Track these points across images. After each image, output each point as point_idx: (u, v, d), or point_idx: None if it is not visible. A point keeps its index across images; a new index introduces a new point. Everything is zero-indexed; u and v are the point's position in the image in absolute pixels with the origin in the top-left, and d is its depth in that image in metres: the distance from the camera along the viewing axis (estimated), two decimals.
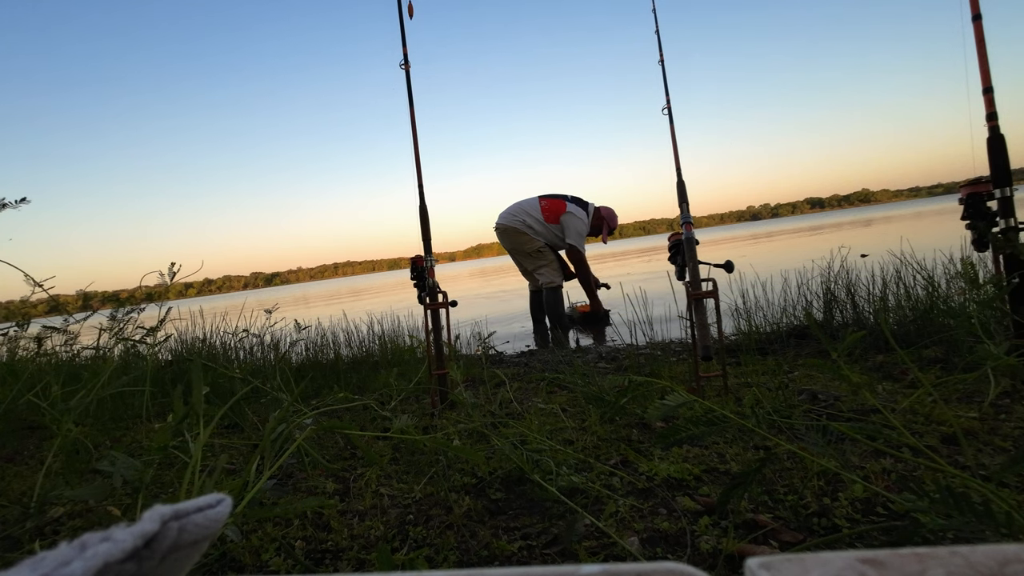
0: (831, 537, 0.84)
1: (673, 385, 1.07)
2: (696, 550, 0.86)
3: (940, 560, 0.16)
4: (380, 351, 2.84)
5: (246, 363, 2.64)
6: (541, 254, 3.90)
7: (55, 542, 0.52)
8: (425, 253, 1.94)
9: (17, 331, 2.20)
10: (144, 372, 1.82)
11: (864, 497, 0.95)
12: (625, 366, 2.22)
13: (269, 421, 1.04)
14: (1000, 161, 1.56)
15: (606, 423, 1.48)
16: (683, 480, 1.09)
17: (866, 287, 2.26)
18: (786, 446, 0.87)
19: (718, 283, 1.65)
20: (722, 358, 1.65)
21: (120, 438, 1.83)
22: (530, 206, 3.95)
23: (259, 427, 1.73)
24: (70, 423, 1.15)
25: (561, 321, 3.82)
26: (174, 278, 2.00)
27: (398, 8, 1.94)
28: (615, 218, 4.10)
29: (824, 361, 0.95)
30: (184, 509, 0.18)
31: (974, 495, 0.79)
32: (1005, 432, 1.15)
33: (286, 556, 0.96)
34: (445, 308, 1.92)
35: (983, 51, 1.57)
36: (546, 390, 1.95)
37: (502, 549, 0.92)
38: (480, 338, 2.84)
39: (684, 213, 1.81)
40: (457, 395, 1.56)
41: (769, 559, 0.17)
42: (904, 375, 1.63)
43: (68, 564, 0.15)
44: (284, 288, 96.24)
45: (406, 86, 1.93)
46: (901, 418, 1.28)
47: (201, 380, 0.90)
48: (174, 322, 2.51)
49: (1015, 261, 1.51)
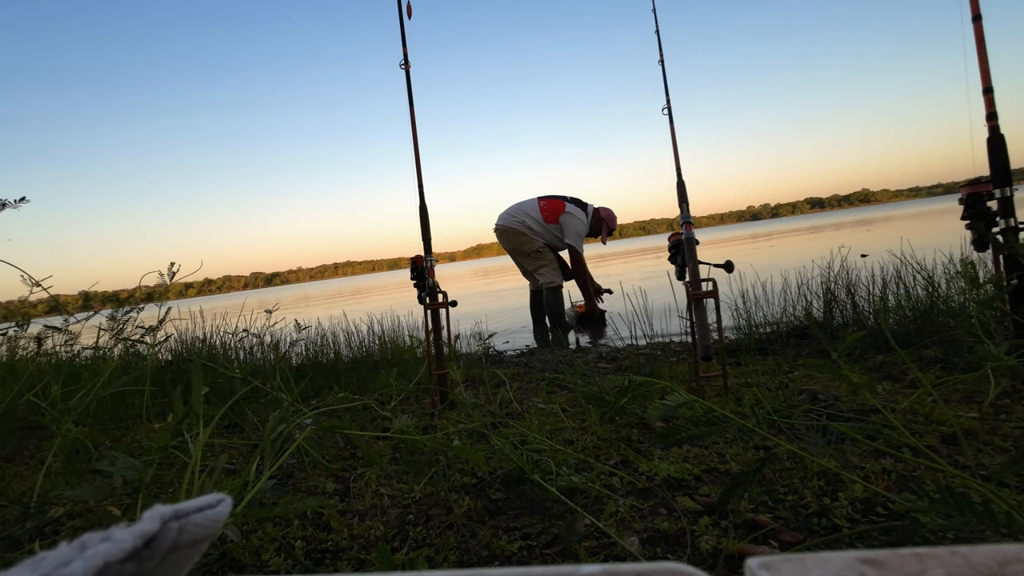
0: (831, 537, 0.84)
1: (673, 385, 1.07)
2: (696, 550, 0.86)
3: (940, 560, 0.16)
4: (380, 351, 2.84)
5: (246, 363, 2.64)
6: (540, 254, 3.90)
7: (55, 542, 0.52)
8: (425, 253, 1.94)
9: (17, 331, 2.20)
10: (144, 372, 1.82)
11: (864, 497, 0.95)
12: (625, 366, 2.22)
13: (269, 421, 1.04)
14: (1000, 161, 1.56)
15: (606, 423, 1.48)
16: (683, 480, 1.09)
17: (866, 287, 2.27)
18: (786, 446, 0.87)
19: (718, 283, 1.65)
20: (722, 358, 1.65)
21: (120, 438, 1.83)
22: (529, 207, 3.96)
23: (259, 427, 1.73)
24: (70, 423, 1.15)
25: (561, 321, 3.82)
26: (174, 278, 2.00)
27: (398, 8, 1.94)
28: (614, 219, 4.10)
29: (824, 361, 0.95)
30: (184, 509, 0.18)
31: (974, 495, 0.79)
32: (1005, 432, 1.15)
33: (286, 556, 0.96)
34: (445, 308, 1.92)
35: (983, 51, 1.57)
36: (546, 390, 1.95)
37: (502, 549, 0.92)
38: (480, 338, 2.84)
39: (684, 213, 1.81)
40: (457, 395, 1.56)
41: (769, 559, 0.17)
42: (904, 375, 1.63)
43: (68, 564, 0.15)
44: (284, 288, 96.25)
45: (406, 86, 1.94)
46: (901, 418, 1.28)
47: (201, 380, 0.90)
48: (174, 322, 2.52)
49: (1015, 261, 1.51)
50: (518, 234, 3.91)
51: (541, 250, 3.90)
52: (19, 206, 1.86)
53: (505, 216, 3.99)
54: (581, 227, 3.90)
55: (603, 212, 4.05)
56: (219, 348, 2.84)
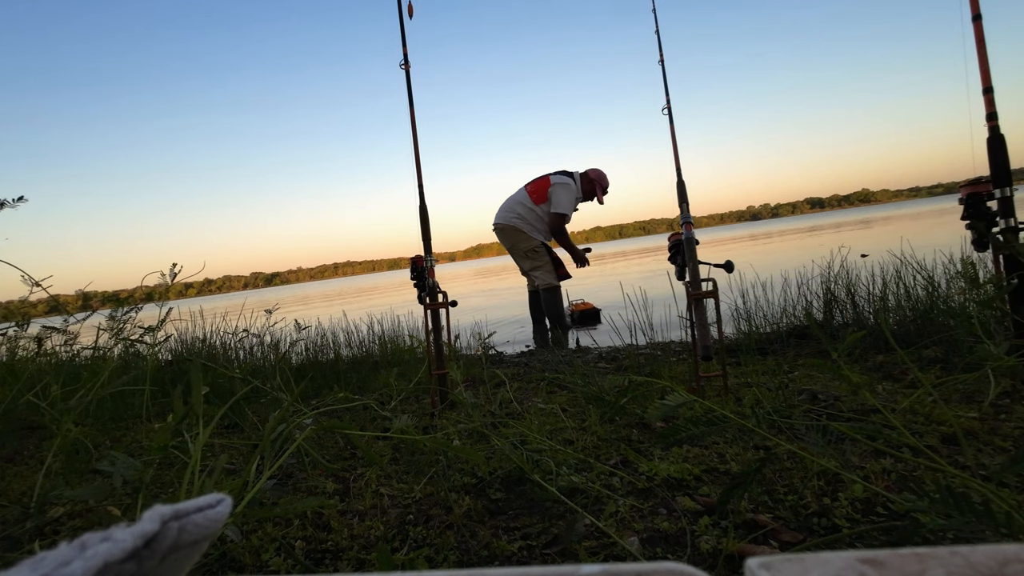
0: (831, 537, 0.84)
1: (673, 385, 1.07)
2: (696, 550, 0.86)
3: (940, 560, 0.16)
4: (380, 351, 2.84)
5: (246, 363, 2.64)
6: (537, 254, 3.88)
7: (55, 542, 0.52)
8: (425, 253, 1.94)
9: (17, 331, 2.20)
10: (144, 372, 1.82)
11: (864, 497, 0.95)
12: (625, 366, 2.22)
13: (269, 421, 1.04)
14: (1000, 161, 1.56)
15: (606, 423, 1.48)
16: (683, 480, 1.09)
17: (866, 287, 2.27)
18: (786, 446, 0.87)
19: (718, 283, 1.65)
20: (722, 358, 1.65)
21: (120, 438, 1.83)
22: (519, 196, 3.92)
23: (259, 427, 1.73)
24: (70, 423, 1.15)
25: (561, 321, 3.81)
26: (175, 279, 2.00)
27: (398, 8, 1.94)
28: (605, 177, 4.01)
29: (824, 361, 0.95)
30: (184, 509, 0.18)
31: (974, 495, 0.79)
32: (1005, 432, 1.15)
33: (286, 556, 0.96)
34: (445, 308, 1.92)
35: (983, 51, 1.57)
36: (546, 390, 1.95)
37: (502, 549, 0.92)
38: (480, 338, 2.84)
39: (684, 213, 1.81)
40: (457, 395, 1.56)
41: (769, 559, 0.17)
42: (904, 375, 1.63)
43: (68, 564, 0.15)
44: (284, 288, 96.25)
45: (406, 86, 1.94)
46: (901, 418, 1.28)
47: (201, 380, 0.90)
48: (174, 322, 2.51)
49: (1015, 261, 1.51)
50: (516, 231, 3.89)
51: (537, 250, 3.88)
52: (17, 205, 1.86)
53: (501, 213, 3.98)
54: (569, 194, 3.82)
55: (592, 173, 3.97)
56: (219, 348, 2.84)
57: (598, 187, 3.98)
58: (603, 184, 3.99)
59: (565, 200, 3.81)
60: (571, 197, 3.84)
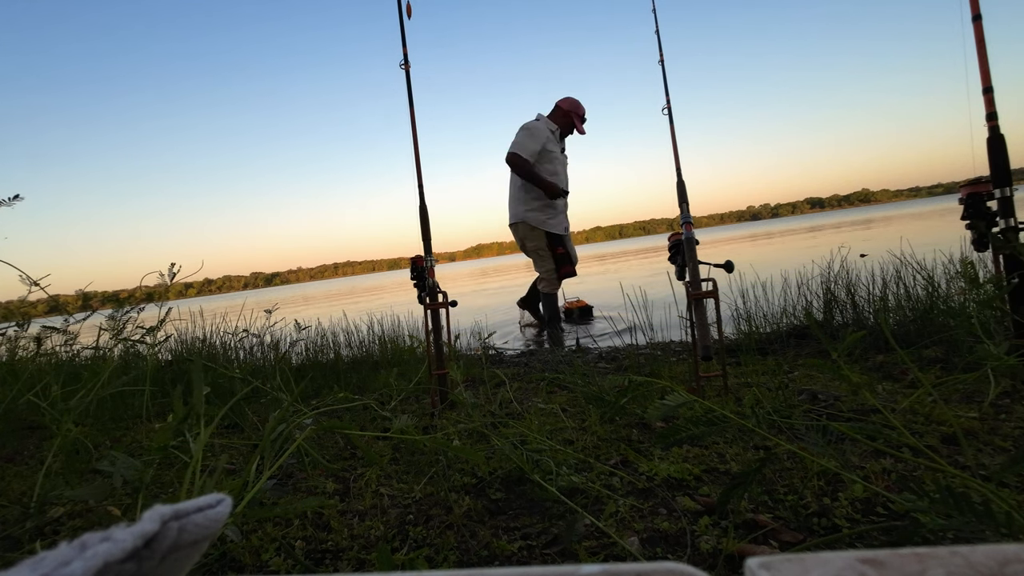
0: (831, 537, 0.84)
1: (673, 385, 1.07)
2: (696, 550, 0.86)
3: (940, 560, 0.16)
4: (380, 351, 2.84)
5: (246, 363, 2.64)
6: (541, 257, 3.89)
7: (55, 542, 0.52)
8: (425, 253, 1.94)
9: (17, 331, 2.20)
10: (144, 372, 1.82)
11: (864, 497, 0.95)
12: (625, 366, 2.22)
13: (269, 421, 1.04)
14: (1000, 161, 1.56)
15: (606, 423, 1.48)
16: (683, 480, 1.09)
17: (866, 287, 2.27)
18: (786, 446, 0.87)
19: (718, 283, 1.65)
20: (722, 358, 1.65)
21: (120, 438, 1.83)
22: (511, 183, 3.89)
23: (259, 427, 1.73)
24: (70, 423, 1.15)
25: (556, 323, 3.83)
26: (174, 279, 2.00)
27: (398, 8, 1.94)
28: (579, 105, 3.80)
29: (824, 361, 0.95)
30: (184, 509, 0.18)
31: (974, 495, 0.79)
32: (1005, 432, 1.15)
33: (286, 556, 0.96)
34: (445, 308, 1.92)
35: (983, 51, 1.57)
36: (546, 390, 1.95)
37: (502, 549, 0.92)
38: (480, 338, 2.84)
39: (684, 213, 1.81)
40: (457, 395, 1.56)
41: (769, 559, 0.17)
42: (904, 375, 1.63)
43: (68, 564, 0.15)
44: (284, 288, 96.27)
45: (406, 86, 1.94)
46: (901, 418, 1.28)
47: (201, 380, 0.90)
48: (174, 322, 2.52)
49: (1015, 261, 1.51)
50: (522, 227, 3.87)
51: (541, 252, 3.89)
52: (13, 204, 1.86)
53: (510, 208, 3.96)
54: (528, 134, 3.65)
55: (563, 103, 3.79)
56: (219, 348, 2.84)
57: (575, 116, 3.78)
58: (579, 112, 3.78)
59: (521, 138, 3.66)
60: (532, 136, 3.65)
